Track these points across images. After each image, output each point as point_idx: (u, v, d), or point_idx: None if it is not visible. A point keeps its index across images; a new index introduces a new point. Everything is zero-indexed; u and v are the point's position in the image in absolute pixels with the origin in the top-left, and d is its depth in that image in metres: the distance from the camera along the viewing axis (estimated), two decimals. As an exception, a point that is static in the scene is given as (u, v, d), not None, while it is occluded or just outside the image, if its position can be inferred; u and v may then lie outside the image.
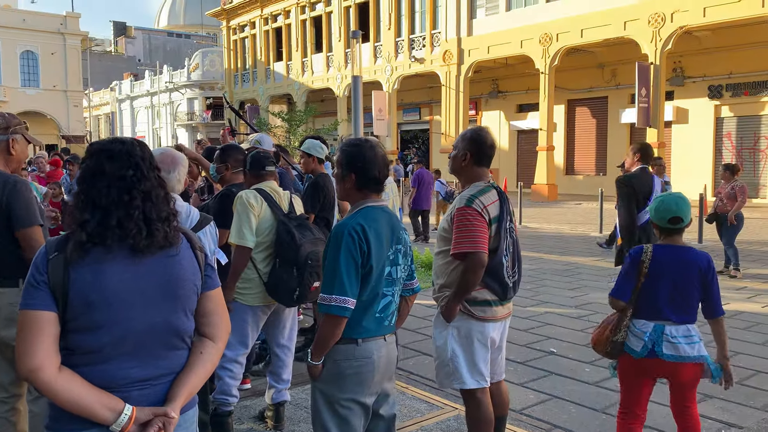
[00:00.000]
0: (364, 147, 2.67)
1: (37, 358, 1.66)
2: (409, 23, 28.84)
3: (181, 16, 79.08)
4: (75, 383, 1.70)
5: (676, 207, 3.14)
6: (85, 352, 1.74)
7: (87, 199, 1.77)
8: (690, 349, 3.12)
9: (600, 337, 3.29)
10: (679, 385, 3.23)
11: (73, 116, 46.11)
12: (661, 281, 3.13)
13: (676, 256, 3.15)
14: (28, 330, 1.70)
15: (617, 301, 3.21)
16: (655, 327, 3.12)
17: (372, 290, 2.55)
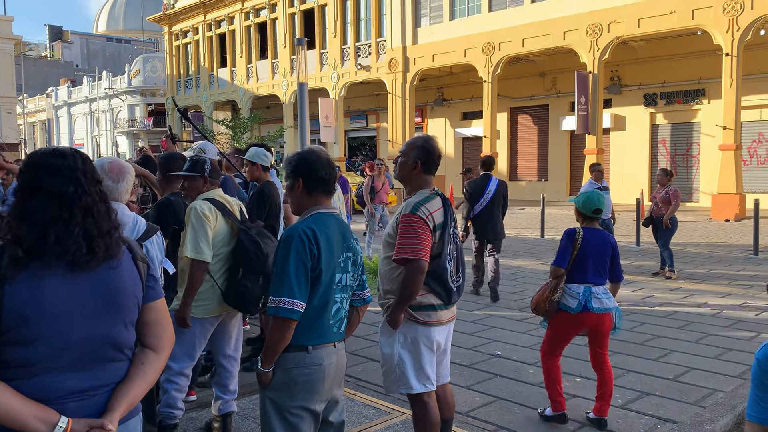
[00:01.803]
0: (306, 152, 2.75)
1: None
2: (355, 31, 28.95)
3: (121, 21, 77.10)
4: (6, 396, 1.65)
5: (598, 202, 4.27)
6: (20, 365, 1.70)
7: (25, 214, 1.73)
8: (609, 302, 4.17)
9: (541, 298, 4.22)
10: (600, 334, 4.23)
11: (6, 123, 44.26)
12: (587, 254, 4.16)
13: (597, 236, 4.25)
14: None
15: (558, 268, 4.20)
16: (585, 288, 4.14)
17: (322, 296, 2.57)
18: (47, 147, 1.93)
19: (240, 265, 3.88)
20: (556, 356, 4.31)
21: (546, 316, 4.30)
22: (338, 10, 29.12)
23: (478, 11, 24.04)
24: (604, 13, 20.40)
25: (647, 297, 8.30)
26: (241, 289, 3.85)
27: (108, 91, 49.06)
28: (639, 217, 12.53)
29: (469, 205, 8.34)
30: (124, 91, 47.65)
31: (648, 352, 5.88)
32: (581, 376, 5.18)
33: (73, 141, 53.69)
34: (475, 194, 8.29)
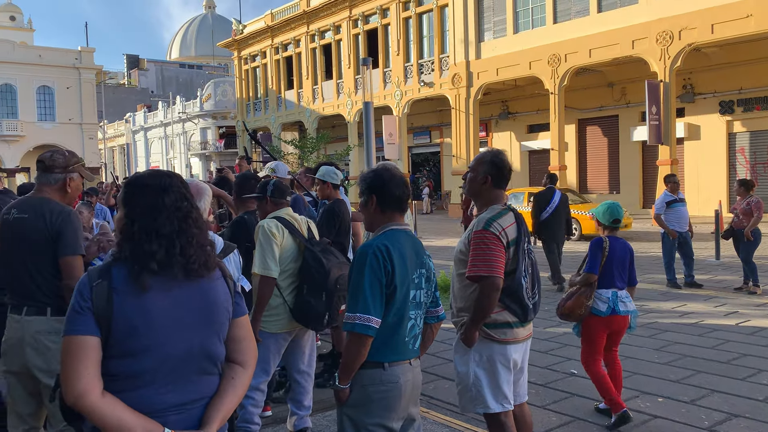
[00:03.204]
0: (381, 170, 2.76)
1: (82, 382, 1.70)
2: (417, 48, 29.14)
3: (193, 48, 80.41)
4: (118, 407, 1.73)
5: (617, 213, 4.65)
6: (126, 377, 1.78)
7: (150, 231, 1.83)
8: (630, 305, 4.57)
9: (576, 304, 4.50)
10: (618, 334, 4.63)
11: (88, 148, 46.77)
12: (612, 261, 4.52)
13: (619, 244, 4.61)
14: (73, 355, 1.74)
15: (591, 275, 4.50)
16: (612, 293, 4.51)
17: (397, 312, 2.57)
18: (144, 170, 2.04)
19: (304, 281, 3.96)
20: (597, 361, 4.56)
21: (578, 322, 4.61)
22: (401, 29, 29.42)
23: (543, 23, 23.77)
24: (675, 20, 19.78)
25: (730, 313, 7.91)
26: (305, 306, 3.92)
27: (181, 115, 51.06)
28: (718, 230, 11.99)
29: (537, 213, 10.04)
30: (197, 114, 49.47)
31: (734, 372, 5.59)
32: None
33: (149, 164, 56.07)
34: (542, 203, 10.15)
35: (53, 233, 3.21)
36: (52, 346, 3.21)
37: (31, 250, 3.24)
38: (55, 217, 3.23)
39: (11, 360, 3.26)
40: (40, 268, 3.23)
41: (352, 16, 31.86)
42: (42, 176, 3.38)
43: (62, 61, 47.13)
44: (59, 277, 3.23)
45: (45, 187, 3.36)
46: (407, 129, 30.68)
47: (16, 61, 45.28)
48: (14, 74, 45.31)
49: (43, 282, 3.23)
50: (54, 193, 3.36)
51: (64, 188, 3.38)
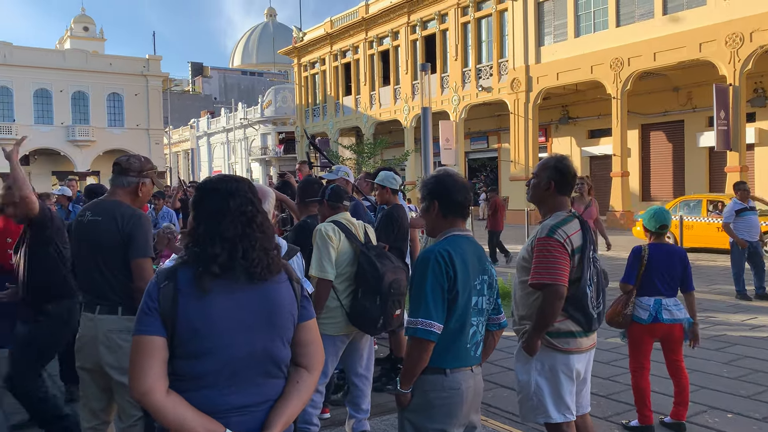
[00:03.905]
0: (443, 175, 2.75)
1: (149, 381, 1.76)
2: (476, 53, 28.98)
3: (254, 55, 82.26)
4: (182, 407, 1.78)
5: (663, 218, 4.55)
6: (190, 377, 1.82)
7: (214, 234, 1.87)
8: (679, 313, 4.43)
9: (614, 312, 4.51)
10: (672, 343, 4.51)
11: (154, 153, 48.45)
12: (654, 269, 4.44)
13: (664, 250, 4.52)
14: (140, 354, 1.80)
15: (626, 285, 4.52)
16: (655, 301, 4.42)
17: (459, 319, 2.56)
18: (214, 175, 2.10)
19: (359, 285, 3.99)
20: (644, 370, 4.51)
21: (622, 328, 4.58)
22: (459, 34, 29.32)
23: (605, 27, 23.26)
24: (745, 22, 19.01)
25: (807, 328, 7.53)
26: (360, 309, 3.95)
27: (243, 121, 52.27)
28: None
29: None
30: (258, 120, 50.54)
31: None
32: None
33: (212, 168, 57.57)
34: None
35: (125, 236, 3.33)
36: (123, 344, 3.32)
37: (103, 252, 3.37)
38: (127, 221, 3.34)
39: (85, 357, 3.40)
40: (111, 268, 3.35)
41: (410, 22, 31.96)
42: (116, 179, 3.51)
43: (131, 69, 49.08)
44: (130, 278, 3.35)
45: (118, 189, 3.49)
46: (464, 134, 30.53)
47: (89, 70, 47.41)
48: (87, 82, 47.45)
49: (114, 282, 3.35)
50: (126, 196, 3.48)
51: (136, 192, 3.50)
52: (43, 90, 46.52)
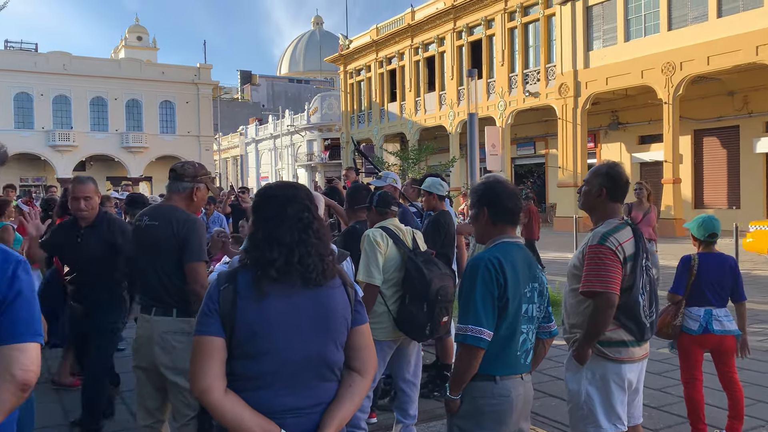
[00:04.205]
0: (493, 182, 2.76)
1: (208, 379, 1.83)
2: (523, 58, 28.73)
3: (301, 63, 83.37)
4: (239, 406, 1.83)
5: (712, 227, 4.41)
6: (247, 378, 1.88)
7: (271, 240, 1.93)
8: (730, 325, 4.30)
9: (663, 323, 4.34)
10: (723, 354, 4.36)
11: (204, 159, 49.56)
12: (704, 278, 4.31)
13: (714, 260, 4.38)
14: (200, 354, 1.87)
15: (675, 295, 4.38)
16: (705, 311, 4.30)
17: (509, 326, 2.57)
18: (274, 181, 2.17)
19: (406, 291, 4.00)
20: (697, 381, 4.41)
21: (672, 339, 4.49)
22: (506, 39, 29.13)
23: (656, 30, 22.75)
24: (807, 22, 18.35)
25: None
26: (407, 315, 3.96)
27: (290, 128, 53.00)
28: None
29: None
30: (304, 127, 51.18)
31: None
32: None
33: (259, 174, 58.51)
34: None
35: (180, 240, 3.43)
36: (177, 345, 3.42)
37: (159, 255, 3.48)
38: (182, 225, 3.45)
39: (141, 356, 3.52)
40: (167, 271, 3.46)
41: (456, 28, 31.92)
42: (172, 184, 3.63)
43: (182, 77, 50.40)
44: (185, 281, 3.45)
45: (174, 194, 3.61)
46: (511, 140, 30.26)
47: (143, 78, 48.88)
48: (140, 90, 48.92)
49: (170, 285, 3.45)
50: (181, 201, 3.59)
51: (191, 197, 3.60)
52: (99, 98, 48.13)
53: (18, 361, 1.64)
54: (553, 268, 14.32)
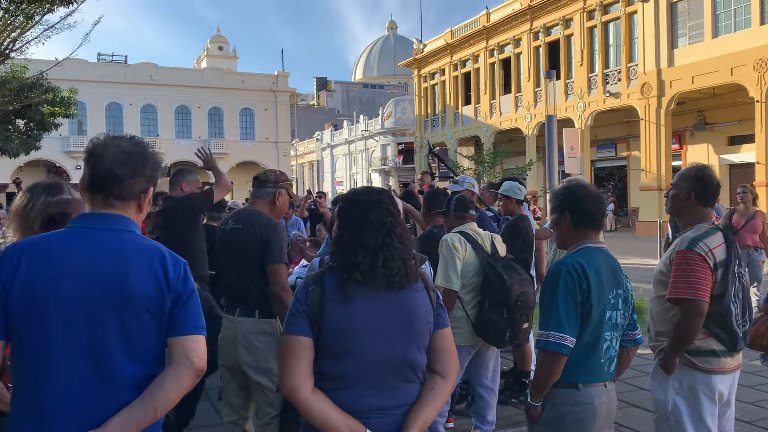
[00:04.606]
0: (574, 185, 2.72)
1: (297, 378, 1.89)
2: (603, 58, 27.91)
3: (375, 68, 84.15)
4: (325, 404, 1.89)
5: None
6: (334, 377, 1.93)
7: (356, 243, 1.99)
8: None
9: (756, 334, 3.69)
10: None
11: (282, 165, 50.81)
12: None
13: None
14: (289, 353, 1.94)
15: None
16: None
17: (593, 333, 2.52)
18: (360, 186, 2.23)
19: (485, 297, 3.97)
20: None
21: (765, 351, 3.98)
22: (585, 39, 28.39)
23: (747, 25, 21.60)
24: None
25: None
26: (486, 321, 3.93)
27: (364, 133, 53.57)
28: None
29: None
30: (378, 132, 51.59)
31: None
32: None
33: (334, 179, 59.42)
34: None
35: (262, 243, 3.56)
36: (259, 345, 3.54)
37: (243, 258, 3.61)
38: (264, 228, 3.57)
39: (226, 356, 3.66)
40: (250, 273, 3.59)
41: (533, 29, 31.39)
42: (256, 191, 3.79)
43: (261, 85, 51.88)
44: (266, 283, 3.57)
45: (258, 200, 3.76)
46: (590, 142, 29.44)
47: (224, 87, 50.67)
48: (222, 98, 50.71)
49: (253, 286, 3.58)
50: (264, 206, 3.73)
51: (273, 202, 3.74)
52: (183, 107, 50.20)
53: (194, 350, 1.82)
54: (635, 274, 13.80)
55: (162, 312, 1.82)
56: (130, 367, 1.79)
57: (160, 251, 1.87)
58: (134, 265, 1.81)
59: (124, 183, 1.87)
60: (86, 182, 1.89)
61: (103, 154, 1.87)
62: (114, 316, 1.77)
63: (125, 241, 1.85)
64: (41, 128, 19.01)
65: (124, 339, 1.78)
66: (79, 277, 1.77)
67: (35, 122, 18.68)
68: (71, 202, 2.56)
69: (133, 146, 1.92)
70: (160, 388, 1.77)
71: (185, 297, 1.85)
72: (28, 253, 1.80)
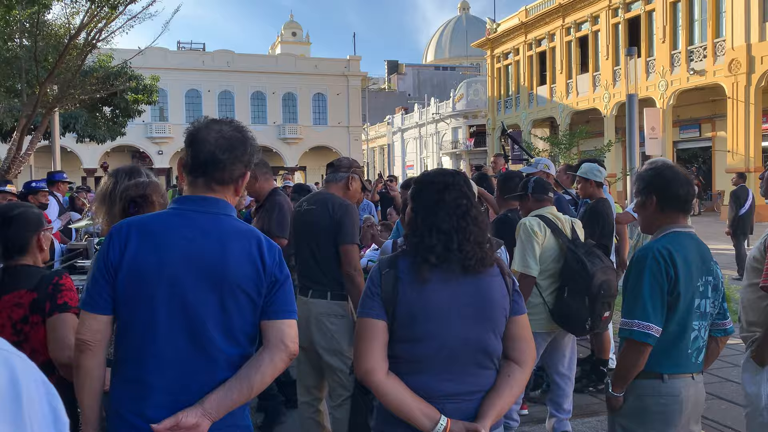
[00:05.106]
0: (662, 167, 2.58)
1: (371, 361, 1.88)
2: (687, 34, 26.54)
3: (447, 50, 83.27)
4: (400, 388, 1.88)
5: None
6: (408, 361, 1.91)
7: (431, 226, 1.95)
8: None
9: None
10: None
11: (353, 149, 51.24)
12: None
13: None
14: (364, 335, 1.93)
15: None
16: None
17: (680, 322, 2.40)
18: (435, 168, 2.19)
19: (565, 283, 3.84)
20: None
21: None
22: (668, 14, 27.05)
23: None
24: None
25: None
26: (565, 308, 3.81)
27: (435, 116, 53.24)
28: None
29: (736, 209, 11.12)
30: (449, 115, 51.17)
31: None
32: None
33: (404, 163, 59.44)
34: (742, 200, 11.31)
35: (335, 223, 3.59)
36: (331, 326, 3.58)
37: (317, 238, 3.66)
38: (337, 209, 3.61)
39: (300, 337, 3.71)
40: (324, 254, 3.62)
41: (611, 5, 30.16)
42: (330, 176, 3.85)
43: (333, 70, 52.33)
44: (339, 265, 3.59)
45: (331, 184, 3.81)
46: (672, 122, 28.15)
47: (297, 72, 51.41)
48: (295, 84, 51.50)
49: (326, 268, 3.61)
50: (338, 190, 3.77)
51: (346, 186, 3.78)
52: (259, 92, 51.28)
53: (288, 335, 1.87)
54: (722, 260, 13.13)
55: (258, 295, 1.86)
56: (226, 347, 1.84)
57: (257, 235, 1.91)
58: (233, 247, 1.85)
59: (225, 169, 1.90)
60: (189, 166, 1.93)
61: (205, 139, 1.90)
62: (214, 296, 1.82)
63: (224, 224, 1.89)
64: (126, 115, 19.85)
65: (222, 319, 1.83)
66: (182, 257, 1.83)
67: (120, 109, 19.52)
68: (149, 185, 2.65)
69: (234, 131, 1.94)
70: (256, 369, 1.82)
71: (281, 282, 1.89)
72: (136, 232, 1.86)
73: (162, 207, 2.60)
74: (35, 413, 0.73)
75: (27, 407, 0.71)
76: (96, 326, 1.83)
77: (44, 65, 11.51)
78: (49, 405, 0.76)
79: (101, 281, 1.83)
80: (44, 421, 0.74)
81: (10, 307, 2.36)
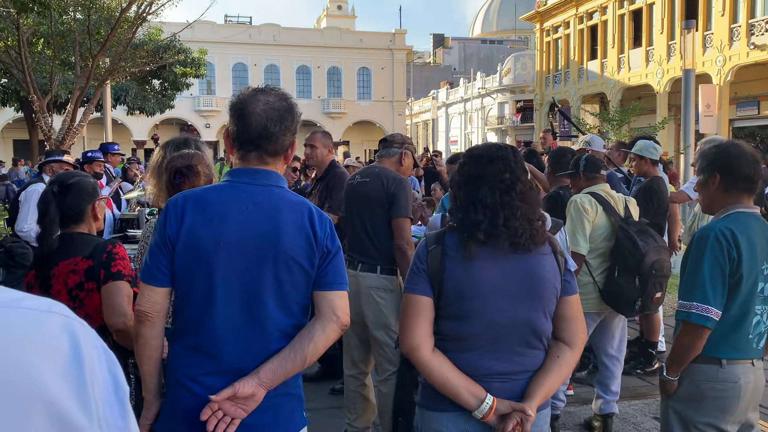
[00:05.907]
0: (727, 144, 2.48)
1: (417, 337, 1.87)
2: (749, 6, 25.37)
3: (494, 23, 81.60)
4: (445, 365, 1.86)
5: None
6: (454, 338, 1.89)
7: (474, 200, 1.91)
8: None
9: None
10: None
11: (397, 124, 51.03)
12: None
13: None
14: (410, 311, 1.91)
15: None
16: None
17: (741, 306, 2.30)
18: (484, 142, 2.13)
19: (616, 262, 3.76)
20: None
21: None
22: (728, -15, 25.90)
23: None
24: None
25: None
26: (615, 288, 3.73)
27: (481, 90, 52.46)
28: None
29: None
30: (495, 89, 50.34)
31: None
32: None
33: (448, 138, 58.92)
34: None
35: (389, 196, 3.59)
36: (380, 300, 3.59)
37: (370, 210, 3.67)
38: (391, 183, 3.61)
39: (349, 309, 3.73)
40: (375, 227, 3.63)
41: (668, -24, 29.04)
42: (383, 151, 3.87)
43: (378, 43, 52.00)
44: (391, 239, 3.59)
45: (384, 159, 3.82)
46: (729, 99, 27.09)
47: (342, 46, 51.28)
48: (340, 58, 51.41)
49: (377, 241, 3.62)
50: (391, 165, 3.79)
51: (399, 161, 3.79)
52: (304, 66, 51.38)
53: (340, 306, 1.87)
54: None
55: (312, 266, 1.86)
56: (280, 317, 1.85)
57: (309, 207, 1.91)
58: (287, 219, 1.86)
59: (278, 140, 1.90)
60: (239, 139, 1.92)
61: (254, 112, 1.88)
62: (269, 267, 1.83)
63: (277, 196, 1.89)
64: (174, 88, 20.19)
65: (276, 289, 1.84)
66: (237, 229, 1.84)
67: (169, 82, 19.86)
68: (194, 156, 2.66)
69: (280, 101, 1.93)
70: (310, 339, 1.82)
71: (333, 253, 1.89)
72: (192, 204, 1.88)
73: (207, 178, 2.62)
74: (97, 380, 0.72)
75: (89, 374, 0.71)
76: (155, 298, 1.87)
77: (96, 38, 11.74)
78: (110, 372, 0.76)
79: (159, 255, 1.86)
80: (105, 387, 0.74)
81: (66, 273, 2.43)
